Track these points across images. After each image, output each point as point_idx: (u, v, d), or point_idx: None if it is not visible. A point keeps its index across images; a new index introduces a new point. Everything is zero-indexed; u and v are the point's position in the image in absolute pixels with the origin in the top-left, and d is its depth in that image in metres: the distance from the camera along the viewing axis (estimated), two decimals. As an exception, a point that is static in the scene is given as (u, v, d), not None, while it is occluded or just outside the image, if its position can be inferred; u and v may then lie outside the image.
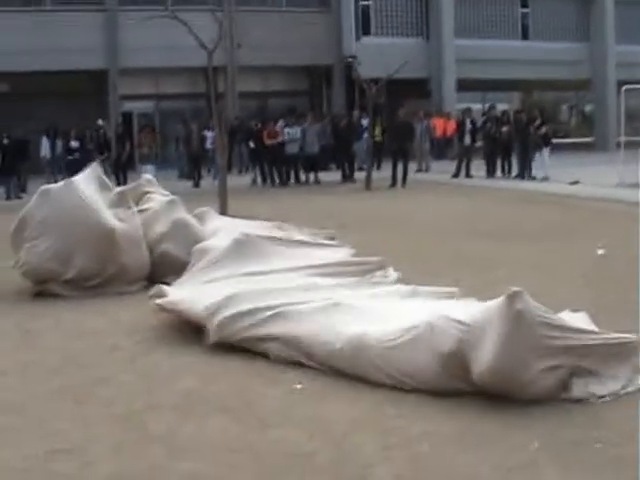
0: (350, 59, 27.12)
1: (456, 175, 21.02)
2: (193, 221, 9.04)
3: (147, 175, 10.29)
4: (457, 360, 4.75)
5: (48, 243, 8.31)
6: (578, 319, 5.65)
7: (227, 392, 5.17)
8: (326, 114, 27.29)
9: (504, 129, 19.94)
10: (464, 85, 29.53)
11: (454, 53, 28.50)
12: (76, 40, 24.89)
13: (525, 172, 19.56)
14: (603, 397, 4.80)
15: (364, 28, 28.48)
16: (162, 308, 6.54)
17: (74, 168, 20.42)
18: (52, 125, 21.39)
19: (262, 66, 28.51)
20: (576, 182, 17.67)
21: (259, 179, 22.11)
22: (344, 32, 28.24)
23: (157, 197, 9.20)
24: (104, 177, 8.94)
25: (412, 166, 21.10)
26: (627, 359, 5.08)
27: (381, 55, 24.97)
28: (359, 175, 20.91)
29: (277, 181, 21.61)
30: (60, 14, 25.16)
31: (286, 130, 21.51)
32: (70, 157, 20.46)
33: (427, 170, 23.66)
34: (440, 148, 26.20)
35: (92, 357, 6.12)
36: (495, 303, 4.80)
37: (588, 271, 8.61)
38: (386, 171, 20.46)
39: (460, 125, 21.35)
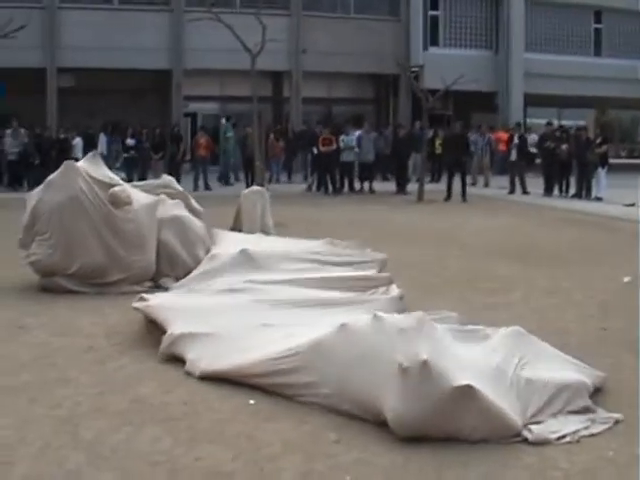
0: (415, 69, 26.85)
1: (512, 191, 20.52)
2: (193, 222, 8.93)
3: (166, 176, 10.18)
4: None
5: (54, 236, 8.35)
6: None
7: (176, 402, 5.04)
8: (390, 124, 27.11)
9: (563, 147, 19.34)
10: (533, 100, 28.90)
11: (523, 67, 27.86)
12: (142, 39, 25.36)
13: (582, 191, 18.93)
14: (563, 437, 4.47)
15: (432, 38, 28.14)
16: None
17: (129, 166, 20.97)
18: (110, 122, 21.68)
19: (328, 72, 28.53)
20: (632, 204, 17.00)
21: (314, 186, 22.00)
22: (412, 41, 27.93)
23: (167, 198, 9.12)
24: (106, 169, 8.89)
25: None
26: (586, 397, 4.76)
27: (448, 66, 24.58)
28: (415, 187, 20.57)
29: (331, 189, 21.42)
30: (127, 12, 25.64)
31: (341, 137, 21.34)
32: (126, 155, 20.68)
33: (487, 185, 23.17)
34: (502, 163, 25.63)
35: (65, 356, 6.09)
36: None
37: (606, 299, 8.19)
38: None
39: (509, 141, 20.83)
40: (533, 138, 23.46)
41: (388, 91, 30.18)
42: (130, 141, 20.79)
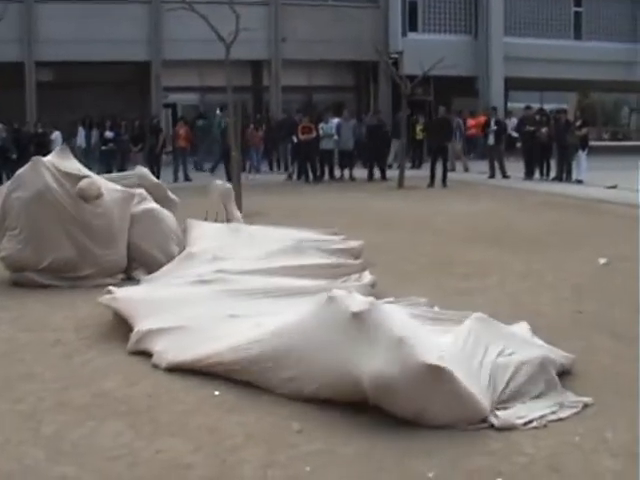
0: (394, 55, 26.73)
1: (492, 176, 20.52)
2: (165, 215, 8.83)
3: (141, 168, 10.07)
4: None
5: (24, 231, 8.26)
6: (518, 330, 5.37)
7: (140, 395, 4.98)
8: (370, 111, 27.01)
9: (543, 130, 19.31)
10: (514, 84, 28.87)
11: (502, 51, 27.79)
12: (121, 31, 25.12)
13: (563, 174, 18.93)
14: (530, 423, 4.42)
15: (411, 24, 28.02)
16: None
17: (108, 158, 20.82)
18: (88, 115, 21.52)
19: (308, 60, 28.39)
20: (614, 186, 17.00)
21: (295, 175, 21.92)
22: (390, 28, 27.82)
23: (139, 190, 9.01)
24: (76, 161, 8.76)
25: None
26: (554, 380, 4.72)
27: (427, 52, 24.46)
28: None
29: (311, 177, 21.33)
30: (105, 4, 25.33)
31: (321, 125, 21.25)
32: (104, 147, 20.52)
33: (466, 170, 23.15)
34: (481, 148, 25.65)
35: (32, 351, 6.01)
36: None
37: (581, 282, 8.16)
38: (427, 170, 20.05)
39: (485, 125, 20.80)
40: (513, 122, 23.46)
41: (368, 78, 30.05)
42: (109, 134, 20.62)
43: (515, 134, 21.98)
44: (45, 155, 19.26)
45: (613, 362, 5.46)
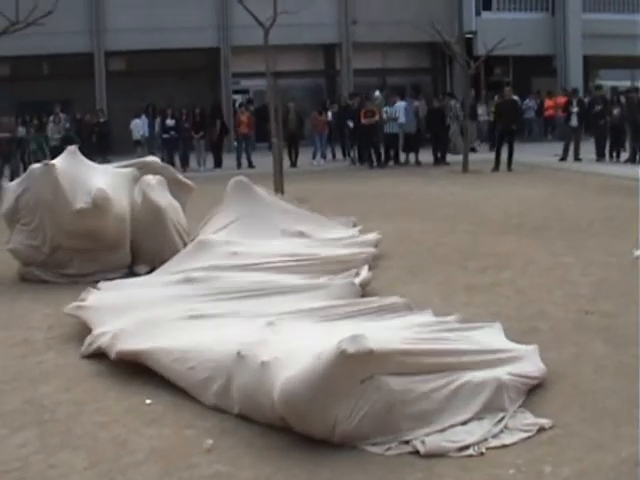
0: (469, 35, 25.84)
1: (563, 158, 19.50)
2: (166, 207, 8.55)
3: (151, 157, 9.87)
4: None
5: (31, 226, 8.19)
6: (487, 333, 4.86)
7: (68, 403, 4.75)
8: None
9: (614, 111, 18.21)
10: (599, 63, 27.48)
11: (581, 28, 26.43)
12: (189, 18, 25.07)
13: (636, 156, 17.81)
14: (465, 448, 3.91)
15: (485, 3, 26.96)
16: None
17: (170, 146, 20.85)
18: (151, 103, 21.58)
19: (381, 43, 27.73)
20: (689, 169, 15.82)
21: (357, 160, 21.47)
22: (464, 7, 26.85)
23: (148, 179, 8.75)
24: (87, 162, 8.57)
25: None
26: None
27: (502, 31, 23.46)
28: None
29: (375, 162, 20.80)
30: (172, -9, 25.33)
31: (384, 109, 20.68)
32: (166, 135, 20.53)
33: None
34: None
35: (-5, 349, 5.86)
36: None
37: (607, 277, 7.47)
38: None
39: (567, 106, 19.74)
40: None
41: (444, 59, 29.14)
42: (169, 121, 20.59)
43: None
44: (106, 143, 19.60)
45: (596, 376, 4.86)
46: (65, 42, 23.64)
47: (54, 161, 8.26)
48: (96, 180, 8.14)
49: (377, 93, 23.25)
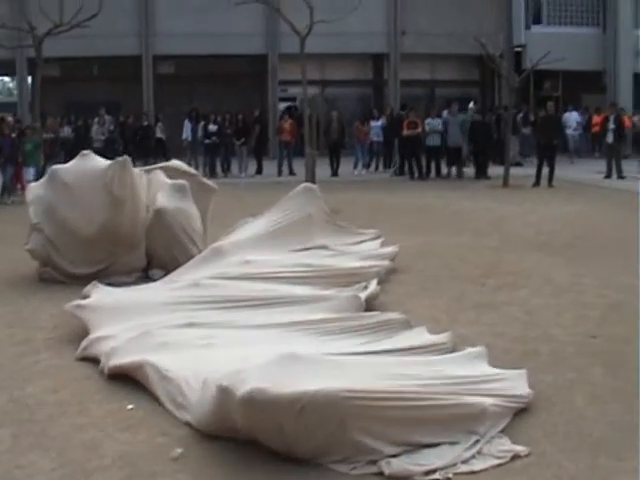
0: (518, 49, 25.53)
1: (608, 176, 19.12)
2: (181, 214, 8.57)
3: (176, 161, 9.90)
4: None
5: (48, 227, 8.30)
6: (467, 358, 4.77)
7: (50, 404, 4.81)
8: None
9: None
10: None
11: (632, 44, 25.92)
12: (238, 24, 25.21)
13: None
14: (432, 472, 3.82)
15: (535, 16, 26.62)
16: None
17: (212, 152, 20.99)
18: (194, 108, 21.77)
19: (429, 54, 27.59)
20: None
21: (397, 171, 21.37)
22: (514, 20, 26.54)
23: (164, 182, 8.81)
24: (99, 160, 8.67)
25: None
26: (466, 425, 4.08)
27: (552, 45, 23.16)
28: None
29: (417, 174, 20.67)
30: (223, -2, 25.51)
31: (427, 121, 20.54)
32: (208, 141, 20.67)
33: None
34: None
35: (-6, 348, 5.94)
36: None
37: (621, 300, 7.26)
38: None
39: (604, 122, 19.37)
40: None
41: (493, 72, 28.84)
42: (212, 127, 20.72)
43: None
44: (148, 147, 19.78)
45: (586, 405, 4.72)
46: (114, 45, 24.00)
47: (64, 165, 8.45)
48: None
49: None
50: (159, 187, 8.63)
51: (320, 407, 3.73)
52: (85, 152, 8.72)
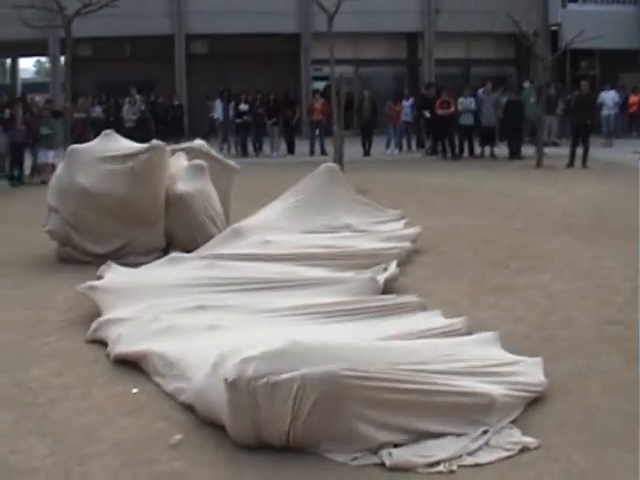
0: (554, 27, 24.99)
1: (645, 157, 18.67)
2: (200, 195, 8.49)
3: (199, 140, 9.82)
4: None
5: (66, 206, 8.28)
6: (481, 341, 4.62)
7: (55, 387, 4.77)
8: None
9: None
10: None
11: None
12: (271, 3, 25.04)
13: None
14: (436, 464, 3.69)
15: (572, -6, 26.06)
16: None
17: (243, 131, 20.92)
18: (226, 88, 21.68)
19: (464, 32, 27.15)
20: None
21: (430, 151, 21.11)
22: (550, -1, 26.00)
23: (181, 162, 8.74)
24: (123, 140, 8.63)
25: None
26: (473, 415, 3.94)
27: (588, 24, 22.63)
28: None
29: (449, 154, 20.40)
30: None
31: (460, 100, 20.24)
32: (239, 120, 20.60)
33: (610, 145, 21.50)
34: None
35: (7, 330, 5.95)
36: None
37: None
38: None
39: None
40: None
41: (528, 50, 28.30)
42: (243, 106, 20.64)
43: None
44: (179, 126, 19.77)
45: (600, 394, 4.55)
46: (147, 24, 23.99)
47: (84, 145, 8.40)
48: None
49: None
50: (178, 168, 8.55)
51: (317, 385, 3.62)
52: (107, 131, 8.65)
